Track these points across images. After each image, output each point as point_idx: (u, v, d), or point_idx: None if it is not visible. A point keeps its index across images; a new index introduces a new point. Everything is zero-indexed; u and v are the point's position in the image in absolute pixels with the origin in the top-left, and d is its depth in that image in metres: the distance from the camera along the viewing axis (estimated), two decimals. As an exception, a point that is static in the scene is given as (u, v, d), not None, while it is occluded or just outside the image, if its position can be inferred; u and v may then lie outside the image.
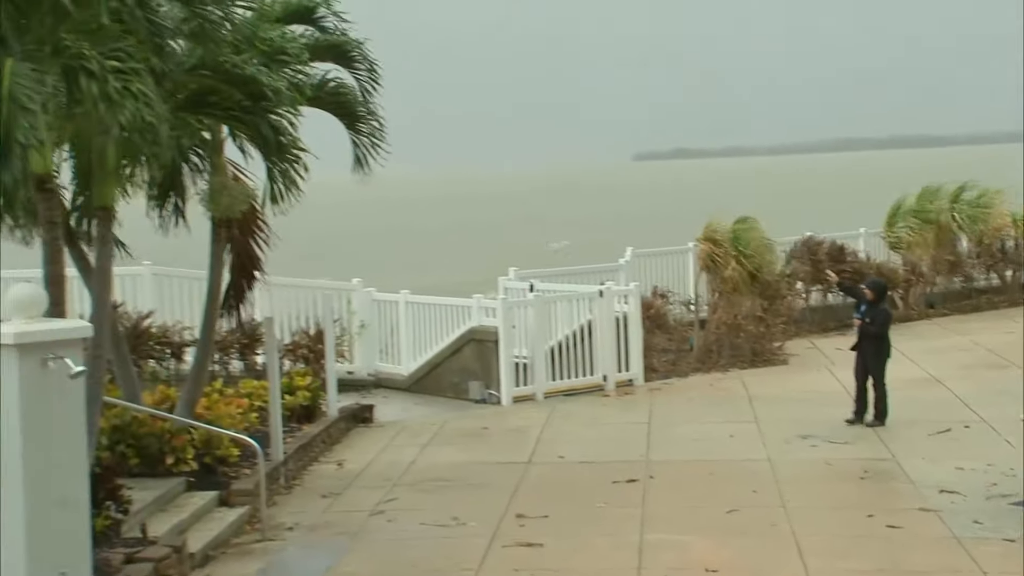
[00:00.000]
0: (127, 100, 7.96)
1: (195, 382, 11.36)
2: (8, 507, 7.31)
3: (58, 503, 7.38)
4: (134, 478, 9.72)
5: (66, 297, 9.17)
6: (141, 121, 8.02)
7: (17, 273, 12.09)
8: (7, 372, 7.33)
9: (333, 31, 11.79)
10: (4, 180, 7.40)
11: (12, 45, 7.97)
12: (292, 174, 10.77)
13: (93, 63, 7.97)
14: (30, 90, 7.53)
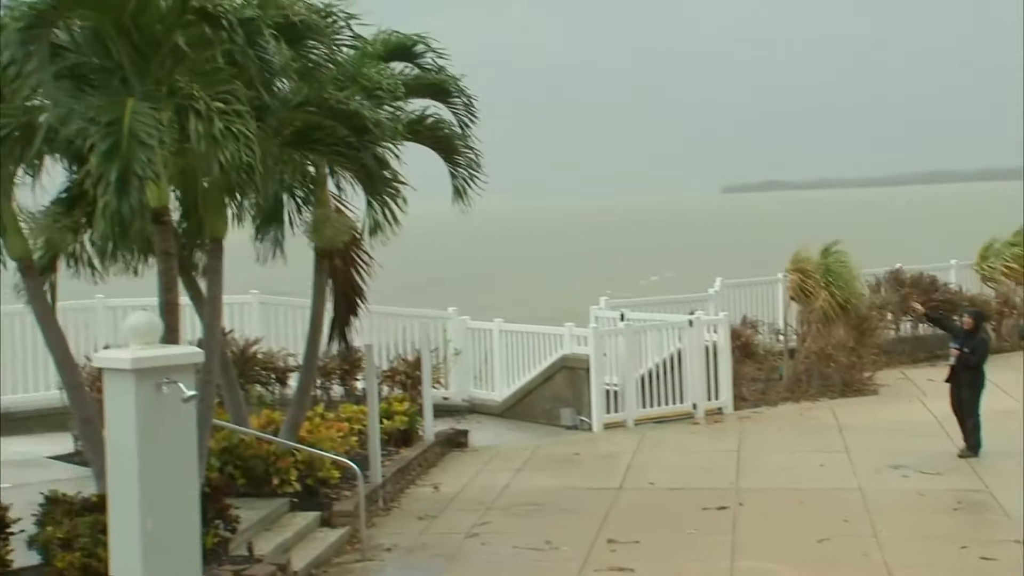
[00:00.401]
0: (229, 140, 8.15)
1: (298, 406, 11.52)
2: (124, 524, 7.50)
3: (171, 520, 7.55)
4: (241, 498, 9.87)
5: (179, 324, 9.39)
6: (240, 161, 8.21)
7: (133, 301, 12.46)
8: (125, 395, 7.53)
9: (431, 68, 11.93)
10: (122, 211, 7.63)
11: (134, 85, 8.26)
12: (392, 206, 10.92)
13: (201, 104, 8.20)
14: (148, 127, 7.78)
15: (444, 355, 16.07)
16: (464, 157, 12.18)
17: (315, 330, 11.88)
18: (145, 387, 7.50)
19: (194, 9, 8.35)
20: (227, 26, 8.17)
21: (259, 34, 8.29)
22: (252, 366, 14.77)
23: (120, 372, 7.57)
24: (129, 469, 7.49)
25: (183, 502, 7.66)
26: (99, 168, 7.65)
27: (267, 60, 8.41)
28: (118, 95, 8.03)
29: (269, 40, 8.40)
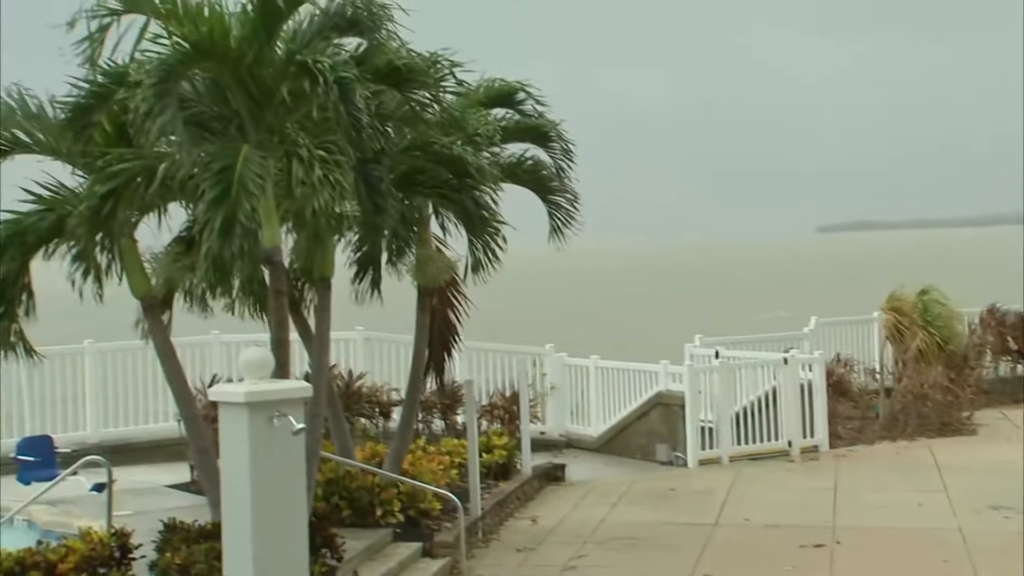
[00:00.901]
0: (325, 187, 8.31)
1: (401, 439, 11.61)
2: (238, 551, 7.62)
3: (281, 549, 7.64)
4: (346, 528, 9.96)
5: (290, 360, 9.55)
6: (331, 209, 8.36)
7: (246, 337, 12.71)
8: (239, 428, 7.67)
9: (531, 113, 12.04)
10: (224, 256, 7.82)
11: (249, 133, 8.48)
12: (492, 246, 11.01)
13: (304, 151, 8.37)
14: (256, 175, 7.98)
15: (541, 390, 16.07)
16: (561, 198, 12.25)
17: (417, 366, 11.98)
18: (257, 420, 7.62)
19: (297, 63, 8.56)
20: (323, 82, 8.36)
21: (353, 91, 8.45)
22: (357, 400, 14.94)
23: (234, 405, 7.71)
24: (242, 498, 7.61)
25: (292, 531, 7.75)
26: (206, 214, 7.86)
27: (356, 116, 8.56)
28: (235, 142, 8.25)
29: (361, 97, 8.55)
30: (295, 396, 7.91)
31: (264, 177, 8.07)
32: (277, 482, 7.66)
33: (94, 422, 15.00)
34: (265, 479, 7.60)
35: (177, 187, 8.50)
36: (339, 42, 9.14)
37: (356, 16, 8.81)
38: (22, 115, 9.27)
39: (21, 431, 13.91)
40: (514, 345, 17.63)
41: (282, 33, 8.88)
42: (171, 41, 8.43)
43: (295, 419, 7.67)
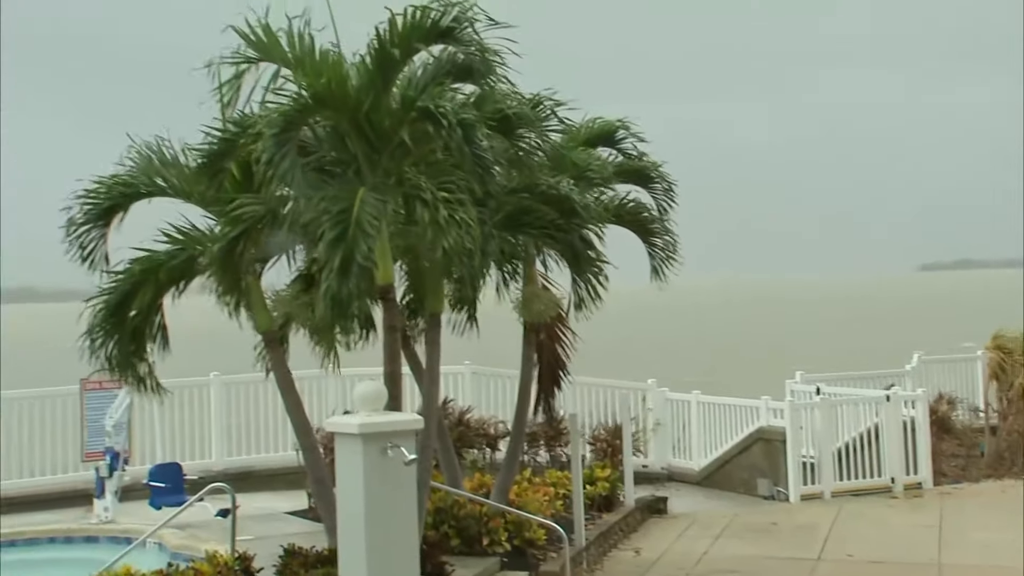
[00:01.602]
0: (452, 227, 8.39)
1: (508, 470, 11.59)
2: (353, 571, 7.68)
3: (391, 572, 7.68)
4: (455, 555, 9.96)
5: (402, 393, 9.62)
6: (462, 246, 8.44)
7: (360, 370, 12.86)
8: (354, 458, 7.75)
9: (632, 153, 12.00)
10: (342, 293, 7.94)
11: (366, 176, 8.63)
12: (595, 283, 10.98)
13: (427, 193, 8.48)
14: (372, 216, 8.11)
15: (643, 424, 15.91)
16: (662, 239, 12.17)
17: (523, 399, 11.97)
18: (371, 450, 7.70)
19: (419, 109, 8.70)
20: (447, 125, 8.47)
21: (475, 132, 8.56)
22: (465, 432, 14.98)
23: (349, 436, 7.81)
24: (357, 525, 7.68)
25: (404, 557, 7.79)
26: (325, 254, 7.99)
27: (481, 155, 8.66)
28: (352, 185, 8.40)
29: (483, 137, 8.65)
30: (407, 428, 7.97)
31: (379, 218, 8.18)
32: (390, 510, 7.71)
33: (219, 451, 15.32)
34: (379, 507, 7.66)
35: (299, 229, 8.68)
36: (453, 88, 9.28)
37: (469, 63, 8.93)
38: (159, 162, 9.59)
39: (153, 458, 14.28)
40: (617, 380, 17.50)
41: (396, 80, 9.03)
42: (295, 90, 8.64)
43: (407, 450, 7.73)
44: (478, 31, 8.74)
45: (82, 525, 12.63)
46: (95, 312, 9.46)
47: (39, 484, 14.24)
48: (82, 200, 9.47)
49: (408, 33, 8.69)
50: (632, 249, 12.18)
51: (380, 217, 8.26)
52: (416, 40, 8.79)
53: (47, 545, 12.23)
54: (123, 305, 9.40)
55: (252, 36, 8.76)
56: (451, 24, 8.71)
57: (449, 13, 8.65)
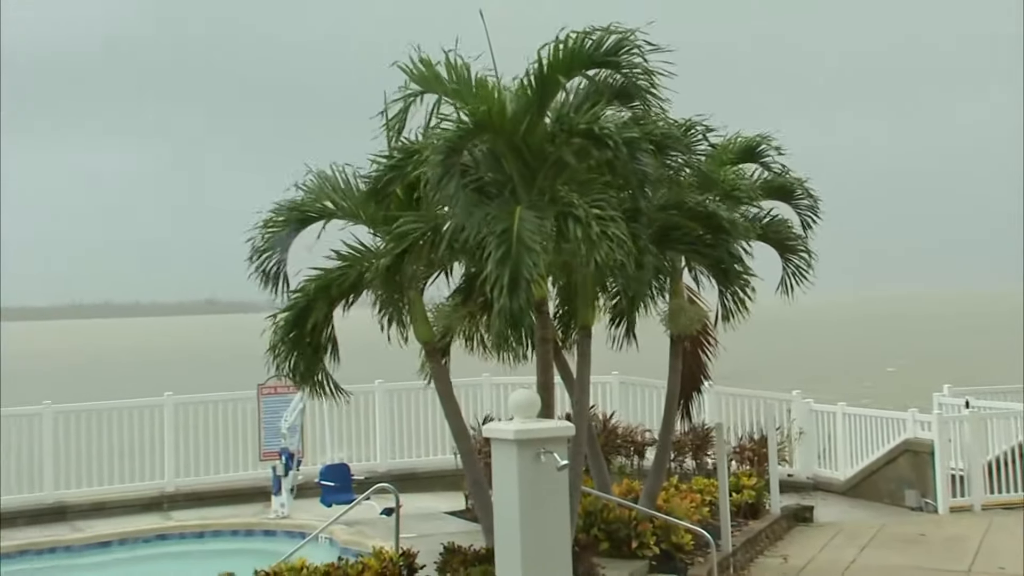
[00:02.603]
0: (604, 242, 8.40)
1: (656, 477, 11.50)
2: (508, 572, 7.75)
3: (545, 571, 7.72)
4: (604, 558, 9.94)
5: (554, 401, 9.67)
6: (614, 260, 8.44)
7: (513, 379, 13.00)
8: (509, 462, 7.84)
9: (776, 168, 11.76)
10: (512, 307, 8.03)
11: (521, 195, 8.72)
12: (741, 296, 10.81)
13: (580, 210, 8.52)
14: (532, 232, 8.20)
15: (788, 434, 15.54)
16: (798, 256, 11.87)
17: (670, 408, 11.85)
18: (526, 456, 7.77)
19: (581, 131, 8.75)
20: (611, 145, 8.51)
21: (639, 150, 8.56)
22: (613, 439, 14.94)
23: (505, 442, 7.90)
24: (512, 526, 7.76)
25: (557, 558, 7.82)
26: (494, 271, 8.10)
27: (644, 172, 8.66)
28: (508, 204, 8.50)
29: (646, 154, 8.64)
30: (559, 435, 8.02)
31: (539, 234, 8.28)
32: (543, 512, 7.76)
33: (383, 453, 15.69)
34: (532, 509, 7.71)
35: (458, 246, 8.84)
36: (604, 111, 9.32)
37: (626, 86, 8.96)
38: (332, 188, 9.93)
39: (323, 459, 14.73)
40: (761, 391, 17.16)
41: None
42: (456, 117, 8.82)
43: (559, 456, 7.77)
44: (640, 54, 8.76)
45: (261, 519, 13.14)
46: (276, 328, 9.84)
47: (221, 480, 14.85)
48: (262, 229, 9.87)
49: (570, 59, 8.78)
50: (768, 262, 11.94)
51: (538, 233, 8.35)
52: (577, 66, 8.87)
53: (230, 537, 12.78)
54: (300, 320, 9.75)
55: (415, 71, 8.99)
56: (612, 50, 8.77)
57: (608, 39, 8.71)
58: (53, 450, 14.13)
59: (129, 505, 14.10)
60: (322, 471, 13.60)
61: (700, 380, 13.17)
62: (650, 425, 15.08)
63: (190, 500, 14.41)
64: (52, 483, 14.04)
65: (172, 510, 14.09)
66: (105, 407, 14.92)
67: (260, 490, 14.11)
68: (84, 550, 12.32)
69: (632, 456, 15.07)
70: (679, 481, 12.71)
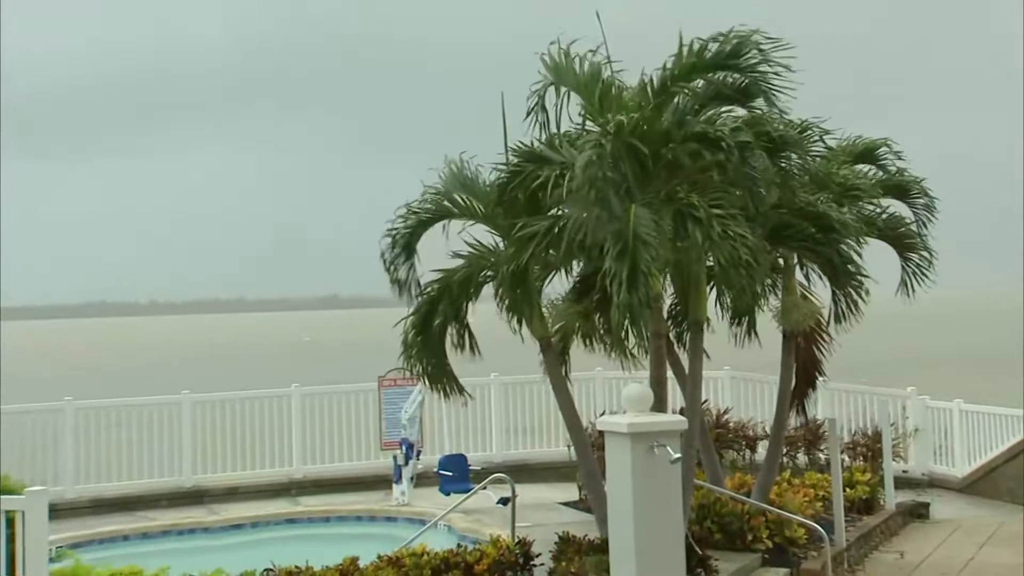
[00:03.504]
0: (726, 241, 8.33)
1: (768, 471, 11.34)
2: (623, 564, 7.76)
3: (660, 564, 7.70)
4: (717, 550, 9.85)
5: (667, 396, 9.62)
6: (737, 259, 8.35)
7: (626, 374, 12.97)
8: (623, 455, 7.84)
9: (892, 169, 11.48)
10: (632, 302, 8.03)
11: (635, 195, 8.70)
12: (854, 296, 10.56)
13: (700, 211, 8.46)
14: (647, 229, 8.18)
15: (903, 430, 15.12)
16: (917, 254, 11.54)
17: (782, 403, 11.66)
18: (639, 449, 7.76)
19: (695, 134, 8.71)
20: (724, 148, 8.43)
21: (751, 153, 8.47)
22: (725, 433, 14.77)
23: (619, 435, 7.90)
24: (626, 517, 7.76)
25: (670, 548, 7.79)
26: (613, 266, 8.12)
27: (755, 176, 8.55)
28: (623, 203, 8.48)
29: (759, 158, 8.54)
30: (672, 428, 7.98)
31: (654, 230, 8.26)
32: (656, 504, 7.74)
33: (498, 444, 15.84)
34: (646, 501, 7.70)
35: (576, 245, 8.87)
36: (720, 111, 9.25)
37: (746, 86, 8.88)
38: (460, 183, 10.06)
39: (441, 450, 14.95)
40: (875, 387, 16.73)
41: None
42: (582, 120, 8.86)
43: (672, 449, 7.73)
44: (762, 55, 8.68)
45: (383, 506, 13.43)
46: (407, 328, 10.06)
47: (345, 468, 15.21)
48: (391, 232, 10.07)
49: (692, 63, 8.77)
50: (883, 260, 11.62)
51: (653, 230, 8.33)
52: (699, 70, 8.84)
53: (354, 522, 13.10)
54: (426, 320, 9.94)
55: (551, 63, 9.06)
56: (733, 53, 8.70)
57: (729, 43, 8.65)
58: (191, 437, 14.69)
59: (260, 490, 14.59)
60: (441, 461, 13.81)
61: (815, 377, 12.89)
62: (762, 420, 14.86)
63: (316, 486, 14.82)
64: (191, 468, 14.61)
65: (300, 496, 14.52)
66: (237, 397, 15.43)
67: (381, 478, 14.41)
68: (220, 532, 12.81)
69: (744, 450, 14.87)
70: (791, 476, 12.50)
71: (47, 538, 7.55)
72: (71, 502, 13.55)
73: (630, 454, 7.74)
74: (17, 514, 7.54)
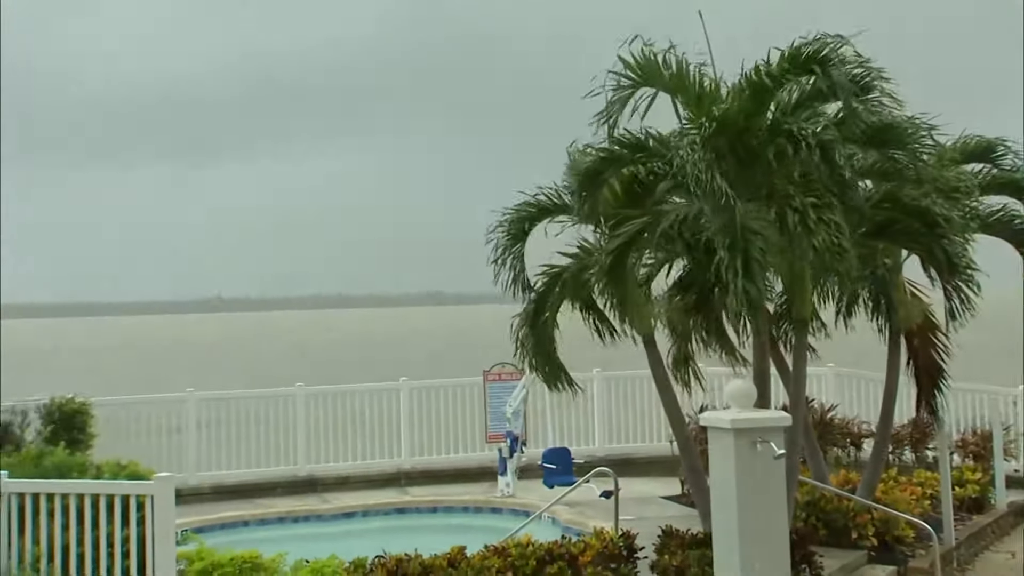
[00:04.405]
0: (820, 228, 8.19)
1: (874, 469, 11.07)
2: (727, 558, 7.71)
3: (765, 560, 7.61)
4: (821, 547, 9.67)
5: (770, 392, 9.48)
6: (831, 244, 8.20)
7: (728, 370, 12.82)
8: (726, 450, 7.79)
9: (1008, 167, 11.07)
10: (750, 292, 7.96)
11: (738, 190, 8.63)
12: (965, 291, 10.22)
13: (796, 201, 8.36)
14: (756, 220, 8.11)
15: (1016, 429, 14.55)
16: None
17: (888, 401, 11.36)
18: (742, 444, 7.70)
19: (783, 131, 8.60)
20: (805, 146, 8.31)
21: (834, 151, 8.33)
22: (829, 430, 14.45)
23: (722, 430, 7.85)
24: (730, 512, 7.70)
25: (775, 544, 7.71)
26: (726, 256, 8.07)
27: (838, 174, 8.40)
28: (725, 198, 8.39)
29: (843, 156, 8.39)
30: (776, 424, 7.89)
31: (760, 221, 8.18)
32: (760, 500, 7.67)
33: (601, 438, 15.82)
34: (749, 496, 7.64)
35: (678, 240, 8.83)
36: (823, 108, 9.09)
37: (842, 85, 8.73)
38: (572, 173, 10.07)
39: (545, 443, 15.00)
40: (985, 384, 16.15)
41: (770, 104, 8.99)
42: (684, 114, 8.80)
43: (776, 445, 7.65)
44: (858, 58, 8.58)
45: (488, 497, 13.55)
46: (518, 324, 10.15)
47: (451, 460, 15.40)
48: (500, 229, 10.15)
49: (784, 65, 8.69)
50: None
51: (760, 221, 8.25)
52: (791, 71, 8.74)
53: (460, 512, 13.27)
54: (537, 315, 10.02)
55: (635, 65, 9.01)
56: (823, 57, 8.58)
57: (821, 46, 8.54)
58: (305, 428, 15.06)
59: (370, 480, 14.87)
60: (544, 454, 13.87)
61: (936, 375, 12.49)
62: (866, 417, 14.49)
63: (424, 477, 15.04)
64: (304, 458, 14.98)
65: (408, 486, 14.76)
66: (348, 390, 15.75)
67: (486, 470, 14.54)
68: (332, 519, 13.13)
69: (849, 448, 14.53)
70: (898, 473, 12.17)
71: (174, 521, 7.86)
72: (194, 488, 14.04)
73: (733, 450, 7.69)
74: (147, 498, 7.88)
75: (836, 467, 12.91)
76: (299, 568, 8.84)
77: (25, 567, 7.95)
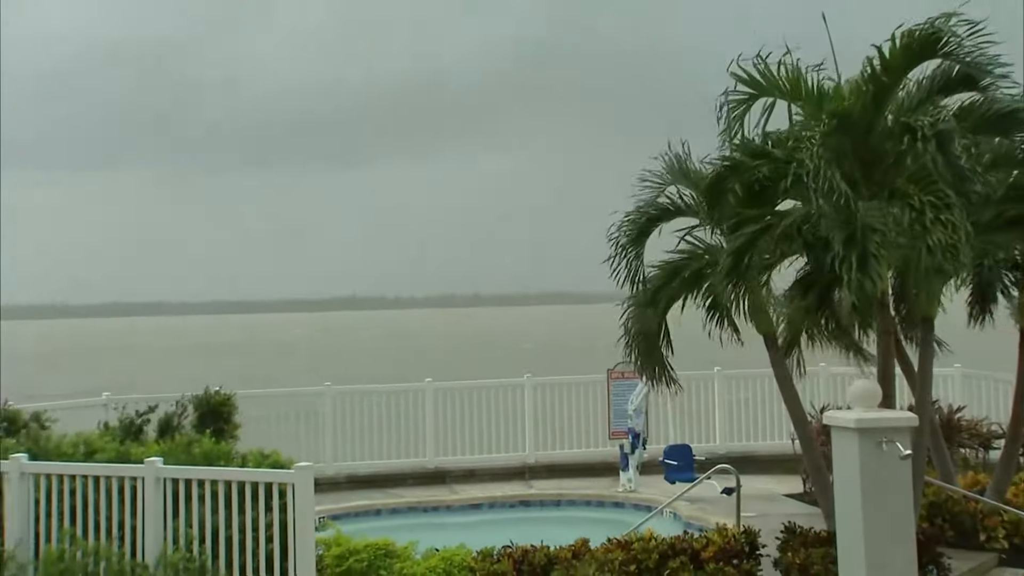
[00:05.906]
0: (936, 227, 7.91)
1: (1004, 470, 10.58)
2: (851, 558, 7.51)
3: (890, 560, 7.39)
4: (949, 548, 9.32)
5: (894, 392, 9.19)
6: (947, 243, 7.90)
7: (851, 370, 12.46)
8: (850, 450, 7.59)
9: None
10: (864, 285, 7.76)
11: (861, 189, 8.40)
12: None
13: (915, 200, 8.09)
14: (876, 217, 7.89)
15: None
16: None
17: (1018, 402, 10.83)
18: (867, 444, 7.49)
19: (902, 124, 8.34)
20: (921, 137, 8.03)
21: (951, 142, 8.01)
22: (956, 431, 13.88)
23: (845, 430, 7.65)
24: (854, 511, 7.50)
25: (901, 544, 7.47)
26: (842, 251, 7.88)
27: (955, 164, 8.07)
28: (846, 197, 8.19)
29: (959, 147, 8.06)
30: (902, 425, 7.65)
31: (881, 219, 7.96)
32: (885, 500, 7.45)
33: (722, 435, 15.60)
34: (874, 496, 7.43)
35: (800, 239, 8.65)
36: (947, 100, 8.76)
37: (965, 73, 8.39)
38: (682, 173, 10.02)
39: (666, 439, 14.88)
40: None
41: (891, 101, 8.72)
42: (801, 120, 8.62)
43: (902, 445, 7.42)
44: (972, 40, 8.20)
45: (610, 492, 13.54)
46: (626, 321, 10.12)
47: (575, 455, 15.42)
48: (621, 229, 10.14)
49: (898, 58, 8.37)
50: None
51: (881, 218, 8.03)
52: (906, 63, 8.43)
53: (583, 506, 13.30)
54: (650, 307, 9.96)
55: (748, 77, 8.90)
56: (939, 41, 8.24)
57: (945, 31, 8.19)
58: (433, 422, 15.33)
59: (495, 473, 15.03)
60: (666, 450, 13.76)
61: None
62: (996, 419, 13.86)
63: (548, 471, 15.11)
64: (433, 451, 15.24)
65: (532, 479, 14.85)
66: (475, 386, 15.95)
67: (609, 465, 14.52)
68: (460, 510, 13.33)
69: (977, 449, 13.93)
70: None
71: (313, 508, 8.12)
72: (330, 478, 14.46)
73: (858, 449, 7.49)
74: (288, 486, 8.17)
75: (963, 468, 12.41)
76: (430, 556, 9.00)
77: (180, 547, 8.35)
